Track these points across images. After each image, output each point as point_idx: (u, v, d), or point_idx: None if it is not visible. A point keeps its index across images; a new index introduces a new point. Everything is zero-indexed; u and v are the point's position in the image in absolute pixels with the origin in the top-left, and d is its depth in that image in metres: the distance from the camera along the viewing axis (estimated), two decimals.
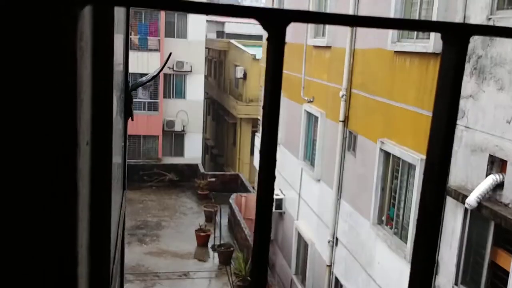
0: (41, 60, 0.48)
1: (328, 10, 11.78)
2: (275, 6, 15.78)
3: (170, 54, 3.84)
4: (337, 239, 11.20)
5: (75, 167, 0.55)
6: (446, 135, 0.42)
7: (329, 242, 11.34)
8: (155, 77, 5.28)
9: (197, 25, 26.87)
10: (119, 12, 2.10)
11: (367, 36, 9.88)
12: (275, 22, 0.37)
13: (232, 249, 16.89)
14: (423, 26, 0.42)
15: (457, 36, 0.40)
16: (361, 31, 10.18)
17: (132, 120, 2.24)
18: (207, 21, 29.16)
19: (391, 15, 8.70)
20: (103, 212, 1.29)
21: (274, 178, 0.39)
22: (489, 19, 6.36)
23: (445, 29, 0.41)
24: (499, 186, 6.11)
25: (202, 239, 17.81)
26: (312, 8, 12.77)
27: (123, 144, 2.15)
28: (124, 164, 2.33)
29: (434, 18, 7.44)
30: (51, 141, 0.53)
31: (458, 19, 6.87)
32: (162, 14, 25.92)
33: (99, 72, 1.14)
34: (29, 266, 0.58)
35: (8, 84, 0.50)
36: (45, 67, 0.49)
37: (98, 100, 1.13)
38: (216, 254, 17.10)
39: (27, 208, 0.55)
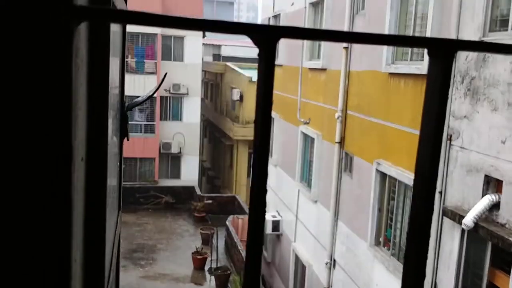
0: (36, 75, 0.50)
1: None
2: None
3: (166, 74, 3.87)
4: (334, 261, 11.13)
5: (69, 181, 0.56)
6: (433, 150, 0.44)
7: (326, 264, 11.26)
8: (151, 97, 5.31)
9: (194, 48, 27.11)
10: (115, 34, 2.13)
11: (362, 59, 9.99)
12: (266, 37, 0.38)
13: (229, 272, 16.72)
14: (410, 42, 0.43)
15: (443, 51, 0.42)
16: (356, 53, 10.30)
17: (128, 140, 2.25)
18: (203, 44, 29.42)
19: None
20: (98, 229, 1.29)
21: (265, 191, 0.41)
22: (482, 40, 6.45)
23: (431, 44, 0.43)
24: (495, 206, 6.12)
25: (199, 262, 17.64)
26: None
27: (118, 164, 2.16)
28: (120, 184, 2.33)
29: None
30: (45, 155, 0.54)
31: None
32: (159, 37, 26.15)
33: (94, 89, 1.15)
34: (22, 283, 0.59)
35: (3, 97, 0.51)
36: (40, 82, 0.50)
37: (93, 117, 1.15)
38: (213, 278, 16.91)
39: (20, 222, 0.56)
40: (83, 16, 0.41)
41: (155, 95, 25.66)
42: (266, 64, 0.38)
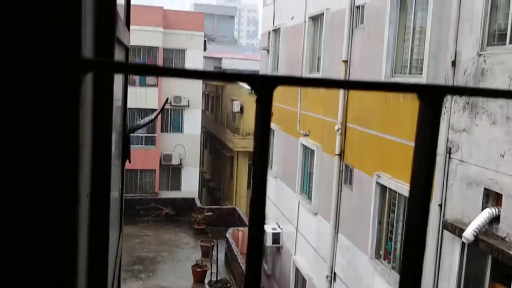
0: (44, 122, 0.52)
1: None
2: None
3: (167, 99, 3.92)
4: (335, 274, 11.08)
5: (76, 220, 0.58)
6: (424, 193, 0.46)
7: (327, 277, 11.22)
8: (152, 121, 5.36)
9: (195, 60, 27.26)
10: (119, 54, 2.16)
11: (361, 72, 10.05)
12: (264, 86, 0.41)
13: (229, 285, 16.64)
14: (400, 88, 0.46)
15: (432, 96, 0.45)
16: (355, 66, 10.37)
17: (130, 162, 2.28)
18: (204, 57, 29.59)
19: (384, 52, 8.89)
20: (100, 259, 1.31)
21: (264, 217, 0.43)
22: (480, 54, 6.51)
23: (421, 90, 0.46)
24: (495, 219, 6.12)
25: (199, 275, 17.56)
26: (307, 42, 13.03)
27: (120, 186, 2.18)
28: (121, 204, 2.35)
29: (426, 54, 7.60)
30: (52, 195, 0.56)
31: (449, 56, 7.03)
32: (160, 50, 26.31)
33: (99, 130, 1.18)
34: None
35: (12, 144, 0.54)
36: (48, 132, 0.53)
37: (97, 153, 1.17)
38: None
39: (28, 262, 0.58)
40: (89, 68, 0.43)
41: (156, 106, 25.74)
42: (263, 110, 0.41)
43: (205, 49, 28.89)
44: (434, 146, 0.46)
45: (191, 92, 27.24)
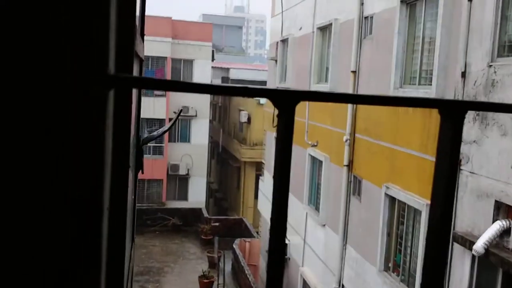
0: (73, 139, 0.53)
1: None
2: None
3: (181, 109, 3.93)
4: (343, 286, 10.98)
5: (100, 233, 0.60)
6: (445, 209, 0.44)
7: None
8: (166, 132, 5.39)
9: (203, 71, 27.39)
10: (135, 67, 2.17)
11: (370, 82, 10.03)
12: (286, 101, 0.40)
13: None
14: (421, 103, 0.45)
15: (453, 112, 0.43)
16: (364, 77, 10.35)
17: (143, 173, 2.28)
18: (212, 67, 29.72)
19: (393, 63, 8.87)
20: (117, 271, 1.31)
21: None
22: (490, 65, 6.47)
23: (442, 105, 0.44)
24: (506, 232, 6.04)
25: (206, 286, 17.48)
26: (315, 52, 13.04)
27: (133, 197, 2.17)
28: (134, 215, 2.35)
29: (436, 66, 7.57)
30: (79, 209, 0.57)
31: (459, 67, 7.00)
32: (169, 60, 26.46)
33: (118, 143, 1.20)
34: None
35: (40, 158, 0.54)
36: (76, 145, 0.54)
37: (116, 167, 1.19)
38: None
39: (55, 275, 0.59)
40: (114, 84, 0.43)
41: (164, 116, 25.84)
42: (285, 125, 0.40)
43: (213, 59, 29.03)
44: (455, 160, 0.44)
45: (199, 102, 27.33)
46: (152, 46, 25.33)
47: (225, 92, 0.41)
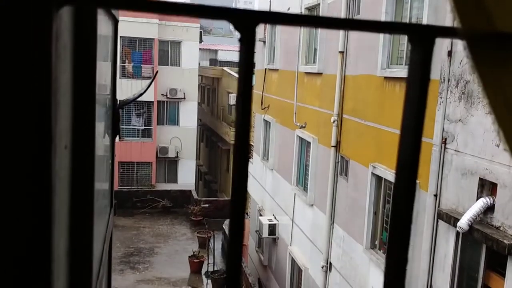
0: (13, 60, 0.50)
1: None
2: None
3: (157, 72, 3.90)
4: (330, 264, 11.14)
5: (50, 169, 0.55)
6: (414, 140, 0.46)
7: (322, 267, 11.27)
8: (141, 95, 5.37)
9: (191, 53, 27.15)
10: (107, 26, 2.14)
11: (357, 63, 10.05)
12: (246, 22, 0.39)
13: (225, 275, 16.71)
14: (389, 27, 0.44)
15: (423, 38, 0.43)
16: (351, 58, 10.36)
17: (120, 139, 2.29)
18: (200, 49, 29.45)
19: (380, 43, 8.88)
20: (85, 217, 1.31)
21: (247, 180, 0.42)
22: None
23: (411, 30, 0.44)
24: (490, 209, 6.16)
25: (196, 266, 17.62)
26: (303, 33, 13.00)
27: (110, 161, 2.18)
28: (112, 181, 2.35)
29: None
30: (25, 143, 0.53)
31: (445, 45, 7.04)
32: (156, 42, 26.18)
33: (81, 78, 1.16)
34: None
35: None
36: (17, 67, 0.50)
37: (79, 105, 1.16)
38: (209, 281, 16.90)
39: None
40: (63, 1, 0.40)
41: (152, 99, 25.68)
42: (246, 48, 0.39)
43: (201, 41, 28.77)
44: (426, 87, 0.44)
45: (187, 84, 27.17)
46: (139, 27, 25.02)
47: (180, 12, 0.38)
